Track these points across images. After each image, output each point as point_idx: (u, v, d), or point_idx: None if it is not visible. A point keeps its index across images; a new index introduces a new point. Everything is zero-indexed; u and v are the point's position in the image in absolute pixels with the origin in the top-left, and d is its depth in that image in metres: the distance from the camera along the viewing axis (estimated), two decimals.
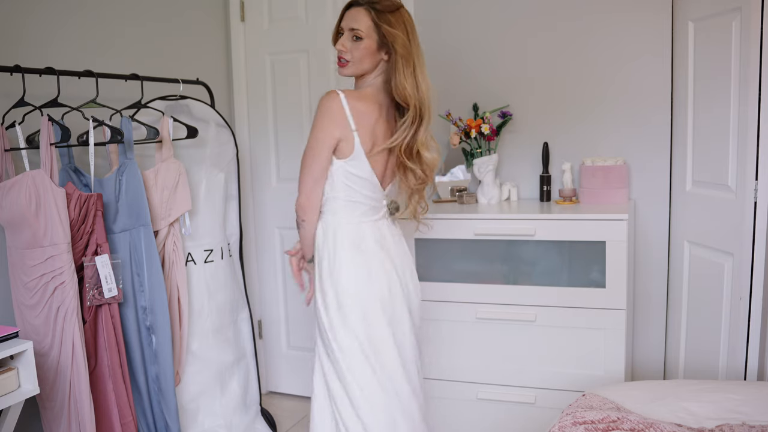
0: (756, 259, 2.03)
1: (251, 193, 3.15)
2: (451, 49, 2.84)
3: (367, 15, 1.81)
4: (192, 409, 2.41)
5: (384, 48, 1.84)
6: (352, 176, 1.86)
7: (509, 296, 2.39)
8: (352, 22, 1.82)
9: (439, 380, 2.51)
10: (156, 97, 2.41)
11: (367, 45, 1.82)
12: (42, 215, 1.84)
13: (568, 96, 2.71)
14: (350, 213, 1.90)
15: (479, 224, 2.41)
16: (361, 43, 1.82)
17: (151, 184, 2.18)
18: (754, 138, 1.99)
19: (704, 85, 2.29)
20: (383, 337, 1.89)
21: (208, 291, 2.44)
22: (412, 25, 1.87)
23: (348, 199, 1.89)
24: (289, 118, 3.03)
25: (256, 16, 3.01)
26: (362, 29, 1.81)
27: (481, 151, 2.71)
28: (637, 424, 1.62)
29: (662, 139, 2.59)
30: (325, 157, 1.84)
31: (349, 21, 1.83)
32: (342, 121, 1.81)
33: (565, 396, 2.32)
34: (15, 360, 1.70)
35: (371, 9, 1.81)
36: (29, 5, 2.12)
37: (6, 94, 1.99)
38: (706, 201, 2.30)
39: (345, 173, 1.86)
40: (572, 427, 1.64)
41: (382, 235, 1.95)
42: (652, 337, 2.70)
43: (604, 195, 2.54)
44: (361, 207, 1.91)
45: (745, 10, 2.00)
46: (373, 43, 1.82)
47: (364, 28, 1.81)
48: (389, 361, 1.89)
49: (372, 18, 1.80)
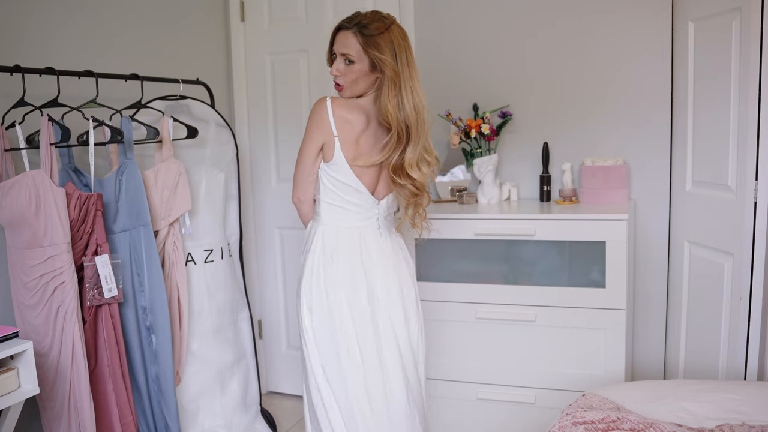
0: (756, 259, 2.03)
1: (251, 193, 3.15)
2: (451, 49, 2.84)
3: (355, 39, 1.81)
4: (192, 409, 2.41)
5: (377, 68, 1.84)
6: (335, 181, 1.90)
7: (509, 296, 2.39)
8: (342, 47, 1.84)
9: (439, 380, 2.51)
10: (156, 97, 2.41)
11: (360, 68, 1.84)
12: (42, 215, 1.84)
13: (568, 96, 2.71)
14: (331, 217, 1.94)
15: (479, 224, 2.41)
16: (353, 67, 1.84)
17: (151, 184, 2.18)
18: (754, 138, 1.99)
19: (704, 84, 2.29)
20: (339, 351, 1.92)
21: (208, 291, 2.44)
22: (402, 43, 1.83)
23: (330, 202, 1.93)
24: (289, 118, 3.03)
25: (256, 16, 3.02)
26: (353, 53, 1.82)
27: (481, 151, 2.71)
28: (637, 424, 1.62)
29: (662, 139, 2.59)
30: (311, 158, 1.90)
31: (339, 46, 1.85)
32: (325, 125, 1.85)
33: (565, 396, 2.32)
34: (15, 360, 1.70)
35: (359, 33, 1.81)
36: (29, 5, 2.12)
37: (6, 94, 1.99)
38: (706, 201, 2.30)
39: (328, 177, 1.91)
40: (572, 427, 1.65)
41: (364, 243, 1.95)
42: (652, 337, 2.70)
43: (604, 195, 2.54)
44: (342, 212, 1.93)
45: (745, 10, 2.00)
46: (365, 65, 1.83)
47: (354, 52, 1.82)
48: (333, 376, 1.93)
49: (360, 43, 1.81)
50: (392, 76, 1.81)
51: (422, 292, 2.25)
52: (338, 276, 1.91)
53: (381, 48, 1.80)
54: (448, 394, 2.52)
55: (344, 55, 1.84)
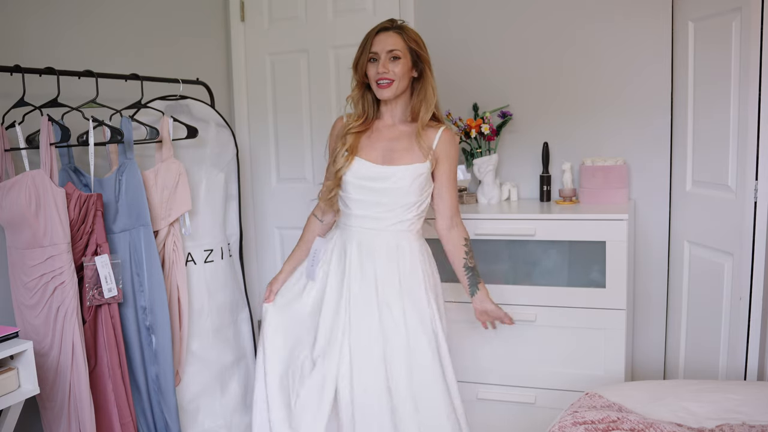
0: (756, 259, 2.03)
1: (251, 193, 3.15)
2: (451, 49, 2.84)
3: (399, 38, 1.94)
4: (192, 409, 2.40)
5: (415, 67, 1.97)
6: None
7: (509, 296, 2.39)
8: (389, 45, 1.94)
9: None
10: (156, 97, 2.41)
11: (405, 64, 1.95)
12: (42, 215, 1.84)
13: (568, 96, 2.71)
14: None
15: (479, 224, 2.41)
16: (399, 62, 1.94)
17: (151, 184, 2.18)
18: (754, 138, 1.99)
19: (704, 84, 2.29)
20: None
21: (208, 291, 2.44)
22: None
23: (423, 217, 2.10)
24: (289, 118, 3.03)
25: (256, 16, 3.01)
26: (399, 49, 1.94)
27: (481, 151, 2.71)
28: (637, 424, 1.62)
29: (662, 139, 2.59)
30: None
31: (384, 45, 1.94)
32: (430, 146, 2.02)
33: (565, 396, 2.32)
34: (15, 360, 1.70)
35: (402, 32, 1.96)
36: (30, 6, 2.12)
37: (6, 94, 1.99)
38: (706, 201, 2.30)
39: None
40: (572, 427, 1.64)
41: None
42: (652, 337, 2.70)
43: (604, 195, 2.54)
44: None
45: (745, 10, 2.00)
46: (408, 62, 1.96)
47: (401, 48, 1.94)
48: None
49: (404, 40, 1.94)
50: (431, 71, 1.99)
51: None
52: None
53: (421, 46, 1.97)
54: None
55: (391, 51, 1.93)
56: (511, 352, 2.42)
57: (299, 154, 3.06)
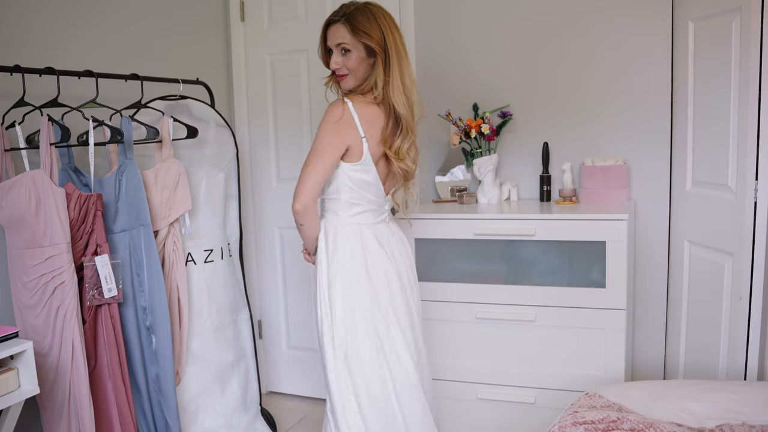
0: (756, 259, 2.03)
1: (251, 193, 3.15)
2: (451, 50, 2.84)
3: (345, 29, 1.86)
4: (192, 409, 2.41)
5: (373, 54, 1.88)
6: (360, 180, 1.91)
7: (509, 296, 2.39)
8: (336, 39, 1.88)
9: (439, 380, 2.51)
10: (156, 97, 2.41)
11: (357, 55, 1.88)
12: (42, 215, 1.84)
13: (568, 96, 2.71)
14: (351, 214, 1.95)
15: (479, 224, 2.41)
16: (350, 55, 1.88)
17: (151, 184, 2.18)
18: (754, 138, 1.99)
19: (704, 84, 2.29)
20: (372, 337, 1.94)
21: (208, 291, 2.44)
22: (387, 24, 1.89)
23: (350, 200, 1.93)
24: (289, 118, 3.03)
25: (256, 16, 3.01)
26: (347, 42, 1.87)
27: (481, 151, 2.71)
28: (637, 424, 1.62)
29: (662, 139, 2.58)
30: (332, 160, 1.87)
31: (332, 39, 1.89)
32: (351, 128, 1.86)
33: (565, 396, 2.32)
34: (15, 360, 1.70)
35: (347, 23, 1.86)
36: (31, 7, 2.12)
37: (6, 94, 1.99)
38: (706, 201, 2.30)
39: (350, 177, 1.90)
40: (572, 427, 1.64)
41: (384, 237, 2.00)
42: (652, 337, 2.70)
43: (604, 195, 2.54)
44: (361, 208, 1.95)
45: (745, 10, 2.00)
46: (361, 52, 1.88)
47: (349, 40, 1.87)
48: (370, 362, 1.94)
49: (349, 31, 1.86)
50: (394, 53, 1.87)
51: (422, 292, 2.26)
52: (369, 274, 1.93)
53: (371, 35, 1.85)
54: (448, 394, 2.52)
55: (339, 45, 1.88)
56: (511, 352, 2.42)
57: (299, 154, 3.05)
